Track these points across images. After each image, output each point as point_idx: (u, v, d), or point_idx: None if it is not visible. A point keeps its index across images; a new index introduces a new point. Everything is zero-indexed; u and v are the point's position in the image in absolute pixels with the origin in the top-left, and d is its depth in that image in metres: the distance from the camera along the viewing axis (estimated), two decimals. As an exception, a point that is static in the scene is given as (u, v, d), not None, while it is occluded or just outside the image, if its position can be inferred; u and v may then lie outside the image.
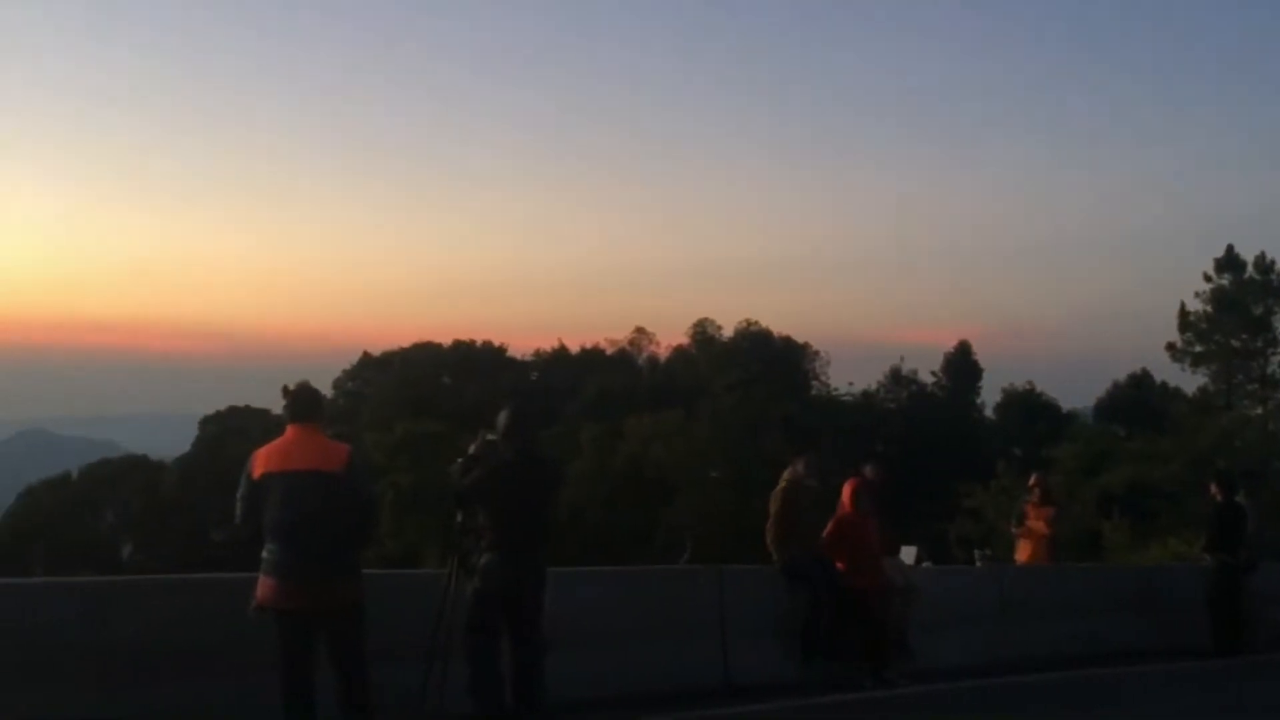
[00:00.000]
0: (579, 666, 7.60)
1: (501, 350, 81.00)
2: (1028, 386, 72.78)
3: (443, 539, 17.71)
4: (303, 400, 6.17)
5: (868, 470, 10.35)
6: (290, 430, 6.07)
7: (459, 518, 7.06)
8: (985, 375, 75.29)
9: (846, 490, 9.55)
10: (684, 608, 8.79)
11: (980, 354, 76.44)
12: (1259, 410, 49.33)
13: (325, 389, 65.93)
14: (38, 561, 54.27)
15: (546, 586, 7.06)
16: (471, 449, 7.17)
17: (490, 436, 7.16)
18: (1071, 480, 35.96)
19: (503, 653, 6.97)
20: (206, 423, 71.58)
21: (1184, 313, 50.85)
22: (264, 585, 5.90)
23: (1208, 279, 50.73)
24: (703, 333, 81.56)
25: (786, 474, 9.54)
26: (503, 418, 7.10)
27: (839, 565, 9.29)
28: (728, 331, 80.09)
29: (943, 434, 63.97)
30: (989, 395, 74.45)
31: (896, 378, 75.79)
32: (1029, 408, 69.64)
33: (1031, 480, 13.58)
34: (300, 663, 5.96)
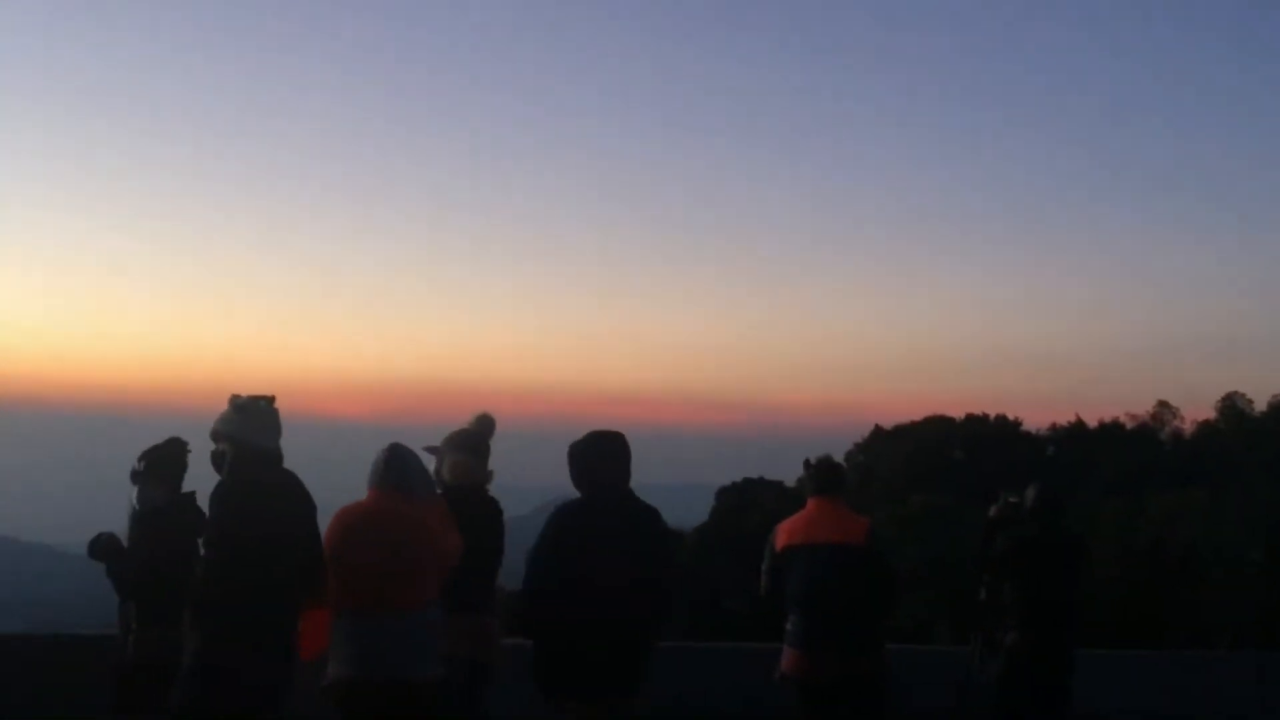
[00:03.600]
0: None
1: (1016, 424, 78.96)
2: None
3: (965, 613, 17.42)
4: (825, 473, 6.27)
5: None
6: (812, 503, 6.17)
7: (983, 594, 6.96)
8: None
9: None
10: (1220, 696, 8.29)
11: None
12: None
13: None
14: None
15: (1075, 669, 6.83)
16: (992, 511, 7.07)
17: (1011, 498, 7.02)
18: None
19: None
20: (723, 493, 73.54)
21: None
22: (787, 656, 6.02)
23: None
24: (1232, 407, 76.47)
25: None
26: (1030, 494, 6.95)
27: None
28: (1260, 405, 74.81)
29: None
30: None
31: None
32: None
33: None
34: (819, 733, 6.03)
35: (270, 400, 5.22)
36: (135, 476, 5.70)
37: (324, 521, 5.13)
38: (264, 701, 4.90)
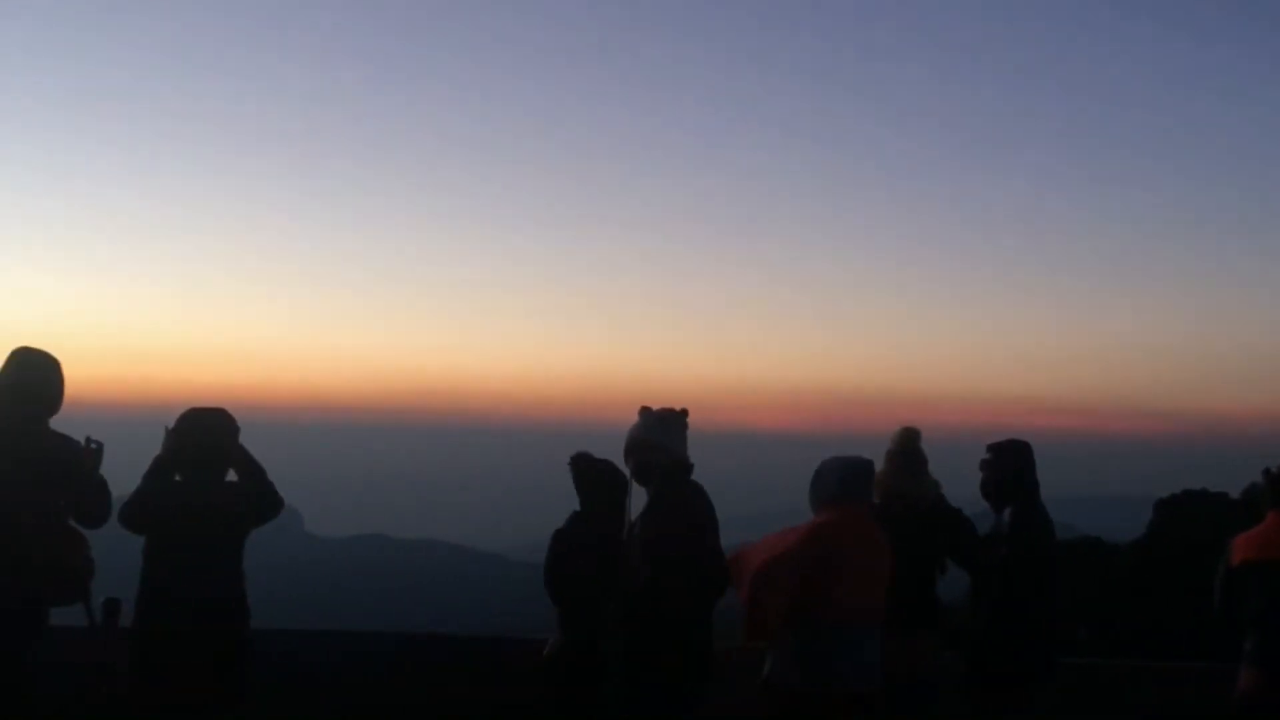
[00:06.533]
0: None
1: None
2: None
3: None
4: None
5: None
6: (1272, 516, 5.66)
7: None
8: None
9: None
10: None
11: None
12: None
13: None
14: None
15: None
16: None
17: None
18: None
19: None
20: (1161, 506, 69.78)
21: None
22: (1246, 676, 5.61)
23: None
24: None
25: None
26: None
27: None
28: None
29: None
30: None
31: None
32: None
33: None
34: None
35: (684, 414, 5.38)
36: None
37: (739, 534, 5.24)
38: (685, 701, 5.15)
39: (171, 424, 5.25)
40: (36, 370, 5.12)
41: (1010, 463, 5.84)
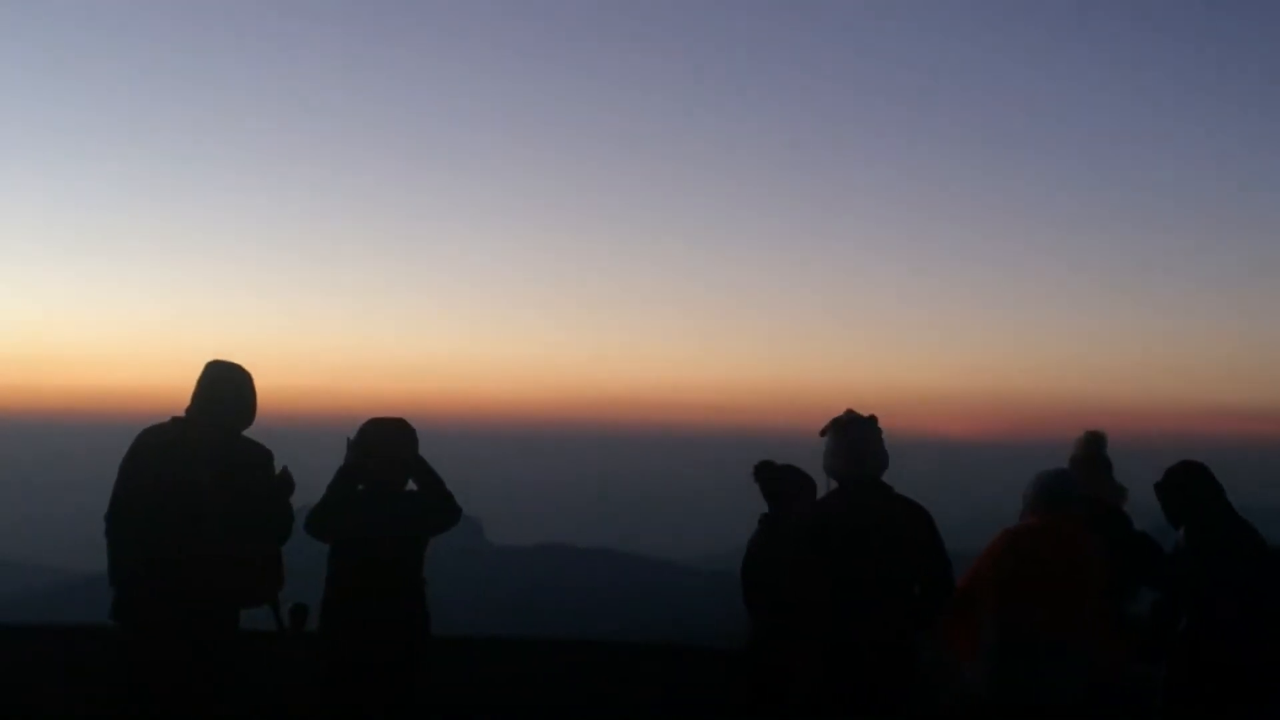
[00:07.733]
0: None
1: None
2: None
3: None
4: None
5: None
6: None
7: None
8: None
9: None
10: None
11: None
12: None
13: None
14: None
15: None
16: None
17: None
18: None
19: None
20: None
21: None
22: None
23: None
24: None
25: None
26: None
27: None
28: None
29: None
30: None
31: None
32: None
33: None
34: None
35: (873, 420, 5.20)
36: None
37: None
38: (878, 712, 5.01)
39: (353, 435, 5.38)
40: (231, 383, 5.32)
41: (1168, 491, 5.60)
